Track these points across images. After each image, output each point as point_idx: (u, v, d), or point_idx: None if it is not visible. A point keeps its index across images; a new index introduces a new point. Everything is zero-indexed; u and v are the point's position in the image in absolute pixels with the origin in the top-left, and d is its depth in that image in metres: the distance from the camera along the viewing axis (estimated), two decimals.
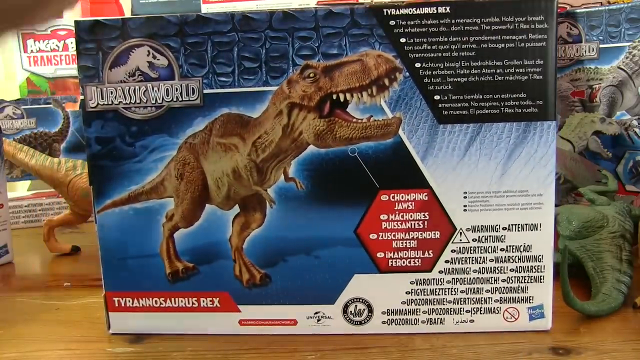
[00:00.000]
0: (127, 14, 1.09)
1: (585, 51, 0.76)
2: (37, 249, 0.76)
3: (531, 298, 0.46)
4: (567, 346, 0.43)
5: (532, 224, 0.45)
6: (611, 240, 0.54)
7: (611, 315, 0.48)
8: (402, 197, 0.45)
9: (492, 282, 0.46)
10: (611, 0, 0.84)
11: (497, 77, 0.43)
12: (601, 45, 0.74)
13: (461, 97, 0.44)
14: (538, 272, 0.46)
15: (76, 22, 0.45)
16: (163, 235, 0.47)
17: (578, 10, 0.76)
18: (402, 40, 0.43)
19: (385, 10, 0.43)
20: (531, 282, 0.46)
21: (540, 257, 0.45)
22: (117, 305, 0.48)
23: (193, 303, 0.48)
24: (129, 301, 0.48)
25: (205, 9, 0.93)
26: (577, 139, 0.74)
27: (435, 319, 0.46)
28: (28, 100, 0.92)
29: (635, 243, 0.55)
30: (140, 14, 0.97)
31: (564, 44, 0.77)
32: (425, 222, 0.45)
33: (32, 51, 1.05)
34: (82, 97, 0.45)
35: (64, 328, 0.51)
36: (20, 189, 1.03)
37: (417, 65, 0.43)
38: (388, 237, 0.45)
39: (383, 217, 0.45)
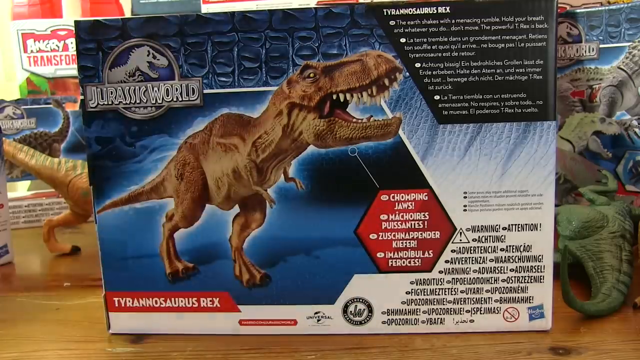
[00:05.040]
0: (127, 14, 1.09)
1: (585, 51, 0.75)
2: (37, 249, 0.76)
3: (531, 298, 0.46)
4: (567, 346, 0.43)
5: (532, 224, 0.45)
6: (611, 240, 0.54)
7: (611, 315, 0.48)
8: (402, 197, 0.45)
9: (492, 282, 0.46)
10: (611, 0, 0.84)
11: (497, 77, 0.43)
12: (601, 45, 0.74)
13: (461, 97, 0.44)
14: (538, 272, 0.46)
15: (76, 22, 0.45)
16: (163, 235, 0.47)
17: (578, 10, 0.76)
18: (402, 40, 0.43)
19: (385, 10, 0.43)
20: (531, 282, 0.46)
21: (540, 257, 0.45)
22: (117, 305, 0.48)
23: (193, 303, 0.48)
24: (129, 301, 0.48)
25: (205, 9, 0.93)
26: (577, 139, 0.74)
27: (435, 319, 0.46)
28: (28, 100, 0.92)
29: (635, 243, 0.55)
30: (140, 14, 0.97)
31: (564, 44, 0.77)
32: (425, 222, 0.45)
33: (32, 51, 1.05)
34: (82, 97, 0.45)
35: (64, 328, 0.51)
36: (20, 189, 1.03)
37: (417, 65, 0.43)
38: (388, 237, 0.45)
39: (383, 217, 0.45)
